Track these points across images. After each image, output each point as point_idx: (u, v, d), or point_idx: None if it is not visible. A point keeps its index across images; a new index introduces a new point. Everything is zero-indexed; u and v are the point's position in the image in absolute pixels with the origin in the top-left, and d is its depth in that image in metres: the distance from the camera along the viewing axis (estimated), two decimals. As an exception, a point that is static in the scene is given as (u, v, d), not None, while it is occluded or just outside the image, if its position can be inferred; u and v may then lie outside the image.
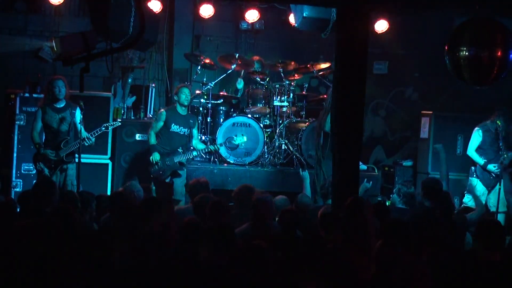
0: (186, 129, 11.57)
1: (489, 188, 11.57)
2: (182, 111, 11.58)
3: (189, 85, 12.24)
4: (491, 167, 11.50)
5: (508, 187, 11.38)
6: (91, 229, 7.73)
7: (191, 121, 11.67)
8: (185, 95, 11.53)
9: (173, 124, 11.48)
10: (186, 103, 11.57)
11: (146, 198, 8.62)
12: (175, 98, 11.66)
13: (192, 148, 11.73)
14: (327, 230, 7.33)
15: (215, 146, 11.92)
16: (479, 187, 11.59)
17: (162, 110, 11.80)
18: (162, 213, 7.23)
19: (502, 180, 11.37)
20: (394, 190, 9.74)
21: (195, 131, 11.74)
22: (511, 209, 11.38)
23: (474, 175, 11.69)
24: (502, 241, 6.79)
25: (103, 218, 8.46)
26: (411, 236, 7.17)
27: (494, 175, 11.52)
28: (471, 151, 11.66)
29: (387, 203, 10.84)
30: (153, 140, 11.50)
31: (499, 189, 11.41)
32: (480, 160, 11.55)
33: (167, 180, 11.46)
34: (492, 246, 6.66)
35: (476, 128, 11.66)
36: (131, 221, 7.44)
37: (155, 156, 11.38)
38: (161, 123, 11.49)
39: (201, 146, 11.80)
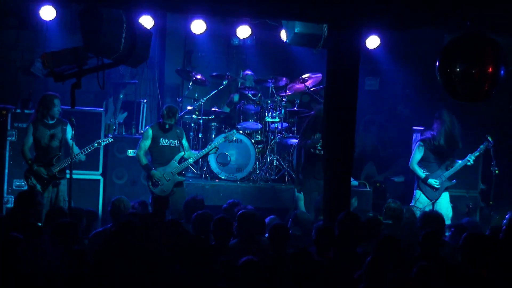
0: (176, 141, 11.37)
1: (433, 200, 11.65)
2: (166, 125, 11.33)
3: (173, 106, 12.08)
4: (432, 181, 11.58)
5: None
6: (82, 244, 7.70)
7: (177, 131, 11.42)
8: (171, 113, 11.27)
9: (161, 139, 11.29)
10: (172, 122, 11.29)
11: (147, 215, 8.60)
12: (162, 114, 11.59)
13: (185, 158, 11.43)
14: (321, 245, 7.33)
15: (212, 145, 11.59)
16: (422, 199, 11.68)
17: (147, 127, 11.59)
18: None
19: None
20: (384, 206, 9.73)
21: (184, 142, 11.47)
22: None
23: (417, 188, 11.82)
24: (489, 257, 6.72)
25: (92, 234, 8.44)
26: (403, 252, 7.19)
27: (435, 188, 11.65)
28: (413, 164, 11.79)
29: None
30: (144, 160, 11.27)
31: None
32: (421, 173, 11.67)
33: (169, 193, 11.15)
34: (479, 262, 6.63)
35: (419, 142, 11.85)
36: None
37: (155, 175, 11.18)
38: (148, 142, 11.28)
39: (194, 153, 11.61)
